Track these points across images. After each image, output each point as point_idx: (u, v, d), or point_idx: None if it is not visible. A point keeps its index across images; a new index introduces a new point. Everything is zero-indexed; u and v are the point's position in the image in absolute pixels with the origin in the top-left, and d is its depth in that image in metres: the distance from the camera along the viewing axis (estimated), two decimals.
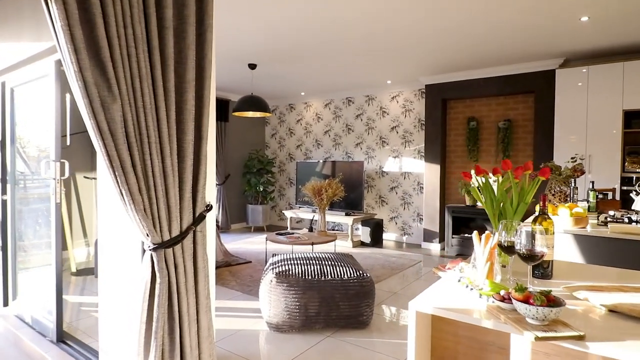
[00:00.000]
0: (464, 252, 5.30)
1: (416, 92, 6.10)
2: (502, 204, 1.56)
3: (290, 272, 2.95)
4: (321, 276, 2.94)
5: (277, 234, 4.80)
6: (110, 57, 1.39)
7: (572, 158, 3.51)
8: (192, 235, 1.72)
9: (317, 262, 3.19)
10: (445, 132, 5.84)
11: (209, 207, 1.80)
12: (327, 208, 4.74)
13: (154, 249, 1.56)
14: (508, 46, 4.25)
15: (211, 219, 1.91)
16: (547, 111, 4.83)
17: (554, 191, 3.60)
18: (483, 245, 1.22)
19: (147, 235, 1.54)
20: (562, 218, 2.47)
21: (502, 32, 3.83)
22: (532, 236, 1.23)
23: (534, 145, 5.00)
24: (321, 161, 6.63)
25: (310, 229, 4.99)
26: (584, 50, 4.36)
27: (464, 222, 5.53)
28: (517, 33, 3.84)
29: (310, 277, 2.91)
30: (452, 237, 5.41)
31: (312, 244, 4.31)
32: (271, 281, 2.91)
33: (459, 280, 1.27)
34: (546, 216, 1.39)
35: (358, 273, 2.99)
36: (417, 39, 4.02)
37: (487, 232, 1.27)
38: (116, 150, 1.43)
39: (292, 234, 4.77)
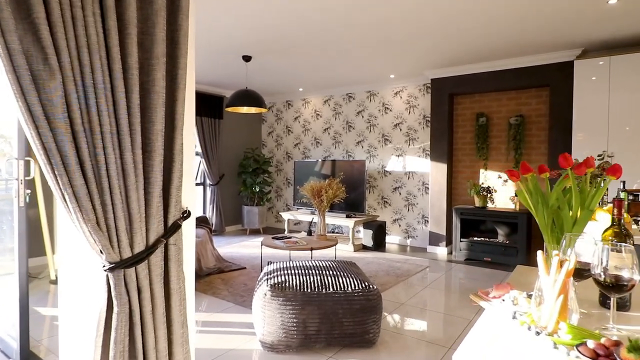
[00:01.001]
0: (474, 256, 4.97)
1: (421, 87, 5.77)
2: (555, 211, 1.22)
3: (287, 284, 2.61)
4: (322, 288, 2.60)
5: (273, 238, 4.46)
6: (46, 18, 1.05)
7: (599, 155, 3.18)
8: (164, 249, 1.38)
9: (317, 271, 2.85)
10: (452, 129, 5.51)
11: (186, 214, 1.46)
12: (327, 210, 4.41)
13: (110, 269, 1.22)
14: (521, 36, 3.92)
15: (189, 227, 1.57)
16: (563, 106, 4.50)
17: None
18: (554, 271, 0.88)
19: (101, 252, 1.20)
20: (603, 224, 2.14)
21: (515, 20, 3.49)
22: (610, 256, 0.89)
23: (548, 142, 4.67)
24: (320, 160, 6.29)
25: (309, 232, 4.65)
26: (605, 39, 4.03)
27: (473, 224, 5.20)
28: (532, 20, 3.51)
29: (309, 290, 2.57)
30: (461, 241, 5.08)
31: (311, 249, 3.97)
32: (265, 295, 2.56)
33: (515, 317, 0.94)
34: (623, 229, 1.06)
35: (363, 285, 2.65)
36: (422, 29, 3.69)
37: (555, 252, 0.93)
38: (55, 141, 1.09)
39: (290, 238, 4.43)
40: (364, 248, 5.67)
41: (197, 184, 6.69)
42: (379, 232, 5.70)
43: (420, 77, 5.65)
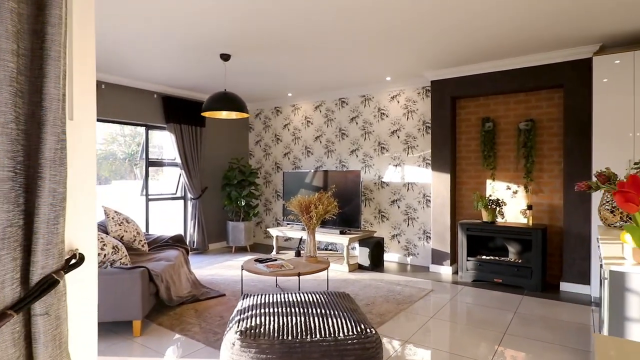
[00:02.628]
0: (483, 277, 4.43)
1: (420, 90, 5.29)
2: None
3: (262, 330, 2.06)
4: (306, 334, 2.05)
5: (256, 260, 3.90)
6: None
7: (635, 164, 2.69)
8: (23, 323, 0.83)
9: (301, 308, 2.31)
10: (455, 136, 5.02)
11: (74, 261, 0.92)
12: (317, 227, 3.88)
13: None
14: (531, 30, 3.45)
15: (87, 278, 1.03)
16: (579, 109, 4.03)
17: (611, 206, 2.78)
18: None
19: None
20: None
21: (523, 11, 3.02)
22: None
23: (563, 149, 4.19)
24: (311, 171, 5.77)
25: (298, 253, 4.10)
26: (627, 33, 3.58)
27: (481, 241, 4.68)
28: (543, 12, 3.04)
29: (290, 337, 2.02)
30: (467, 260, 4.54)
31: (299, 274, 3.42)
32: (234, 344, 2.01)
33: None
34: None
35: (359, 328, 2.10)
36: (421, 24, 3.21)
37: None
38: None
39: (275, 260, 3.87)
40: (360, 268, 5.12)
41: (176, 198, 6.13)
42: (377, 250, 5.16)
43: (419, 78, 5.18)
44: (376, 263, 5.14)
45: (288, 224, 5.89)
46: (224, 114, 4.30)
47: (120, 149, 5.99)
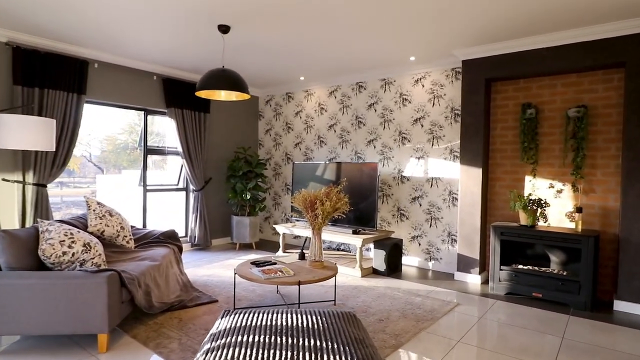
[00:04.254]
0: (518, 290, 3.78)
1: (448, 72, 4.63)
2: None
3: None
4: None
5: (253, 263, 3.38)
6: None
7: None
8: None
9: (291, 338, 1.76)
10: (489, 125, 4.35)
11: None
12: (324, 226, 3.32)
13: None
14: None
15: None
16: None
17: None
18: None
19: None
20: None
21: None
22: None
23: (623, 141, 3.47)
24: (323, 163, 5.20)
25: (302, 256, 3.56)
26: None
27: (517, 248, 4.02)
28: None
29: None
30: (501, 269, 3.89)
31: (299, 283, 2.87)
32: None
33: None
34: None
35: None
36: None
37: None
38: None
39: (274, 264, 3.34)
40: (375, 273, 4.53)
41: (178, 190, 5.68)
42: (394, 253, 4.56)
43: (448, 59, 4.51)
44: (393, 268, 4.55)
45: (297, 220, 5.35)
46: (222, 95, 3.78)
47: (131, 137, 5.60)
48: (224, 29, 3.59)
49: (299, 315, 2.01)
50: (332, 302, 3.47)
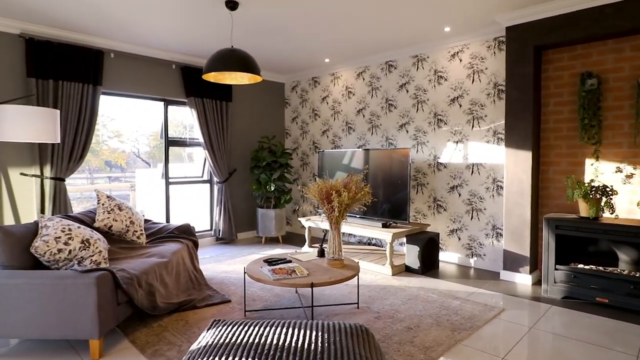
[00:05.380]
0: (579, 294, 3.20)
1: (490, 43, 4.04)
2: None
3: None
4: None
5: (266, 260, 3.07)
6: None
7: None
8: None
9: (285, 356, 1.41)
10: (540, 101, 3.74)
11: None
12: (346, 217, 2.94)
13: None
14: None
15: None
16: None
17: None
18: None
19: None
20: None
21: None
22: None
23: None
24: (350, 151, 4.78)
25: (321, 252, 3.20)
26: None
27: (576, 244, 3.42)
28: None
29: None
30: (556, 269, 3.32)
31: (312, 285, 2.52)
32: None
33: None
34: None
35: None
36: None
37: None
38: None
39: (288, 262, 3.01)
40: (408, 271, 4.09)
41: (202, 182, 5.51)
42: (430, 249, 4.09)
43: (489, 27, 3.93)
44: (428, 265, 4.08)
45: (322, 213, 4.99)
46: (233, 78, 3.47)
47: (176, 132, 5.52)
48: (231, 5, 3.27)
49: (297, 330, 1.65)
50: (355, 305, 3.09)
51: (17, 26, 3.71)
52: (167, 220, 5.05)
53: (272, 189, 5.22)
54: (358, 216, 4.58)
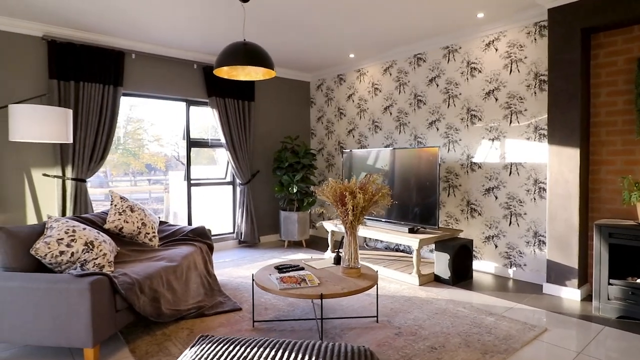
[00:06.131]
0: (637, 313, 2.74)
1: (530, 29, 3.63)
2: None
3: None
4: None
5: (277, 267, 2.86)
6: None
7: None
8: None
9: None
10: (589, 91, 3.29)
11: None
12: (360, 224, 2.67)
13: None
14: None
15: None
16: None
17: None
18: None
19: None
20: None
21: None
22: None
23: None
24: (375, 150, 4.50)
25: (337, 260, 2.95)
26: None
27: (635, 255, 2.95)
28: None
29: None
30: (610, 284, 2.87)
31: (321, 297, 2.27)
32: None
33: None
34: None
35: None
36: None
37: None
38: None
39: (300, 270, 2.78)
40: (437, 281, 3.74)
41: (225, 183, 5.42)
42: (462, 257, 3.72)
43: (528, 10, 3.53)
44: (460, 275, 3.71)
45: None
46: (247, 74, 3.30)
47: (211, 135, 5.53)
48: None
49: (286, 353, 1.42)
50: (374, 319, 2.81)
51: (40, 28, 3.75)
52: (189, 222, 4.98)
53: (295, 190, 5.02)
54: (383, 220, 4.28)
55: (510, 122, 3.80)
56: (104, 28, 3.86)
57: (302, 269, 2.80)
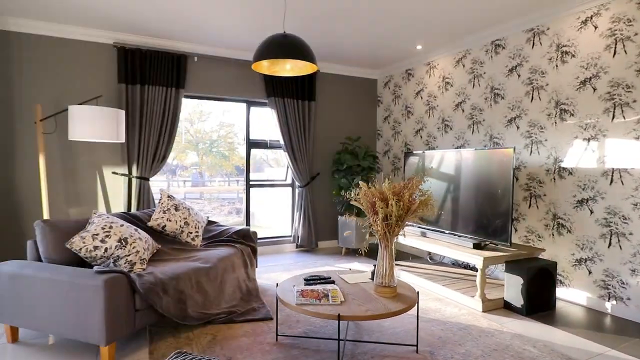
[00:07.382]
0: None
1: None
2: None
3: None
4: None
5: (307, 279, 2.60)
6: None
7: None
8: None
9: None
10: None
11: None
12: (398, 235, 2.27)
13: None
14: None
15: None
16: None
17: None
18: None
19: None
20: None
21: None
22: None
23: None
24: (440, 152, 3.98)
25: (374, 274, 2.59)
26: None
27: None
28: None
29: None
30: None
31: (339, 318, 1.96)
32: None
33: None
34: None
35: None
36: None
37: None
38: None
39: (330, 283, 2.49)
40: (507, 308, 3.12)
41: (284, 185, 5.33)
42: (541, 282, 3.05)
43: None
44: (537, 304, 3.05)
45: (410, 224, 4.27)
46: (289, 69, 3.11)
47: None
48: None
49: None
50: (414, 348, 2.38)
51: (111, 36, 4.04)
52: (247, 224, 4.98)
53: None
54: (447, 232, 3.75)
55: (613, 118, 3.02)
56: (168, 33, 4.01)
57: (333, 282, 2.50)
